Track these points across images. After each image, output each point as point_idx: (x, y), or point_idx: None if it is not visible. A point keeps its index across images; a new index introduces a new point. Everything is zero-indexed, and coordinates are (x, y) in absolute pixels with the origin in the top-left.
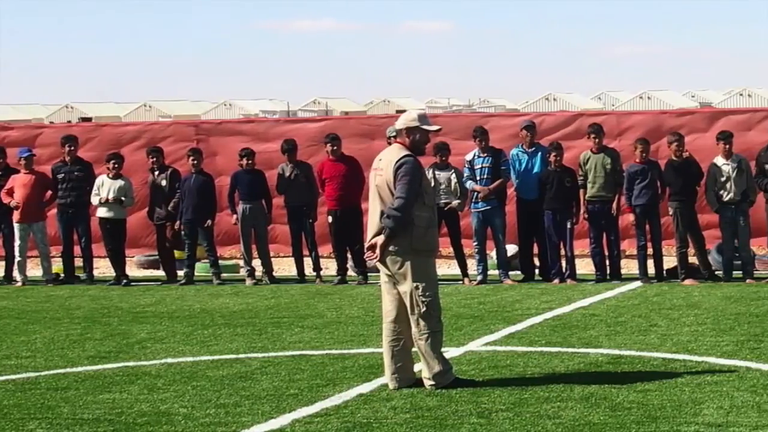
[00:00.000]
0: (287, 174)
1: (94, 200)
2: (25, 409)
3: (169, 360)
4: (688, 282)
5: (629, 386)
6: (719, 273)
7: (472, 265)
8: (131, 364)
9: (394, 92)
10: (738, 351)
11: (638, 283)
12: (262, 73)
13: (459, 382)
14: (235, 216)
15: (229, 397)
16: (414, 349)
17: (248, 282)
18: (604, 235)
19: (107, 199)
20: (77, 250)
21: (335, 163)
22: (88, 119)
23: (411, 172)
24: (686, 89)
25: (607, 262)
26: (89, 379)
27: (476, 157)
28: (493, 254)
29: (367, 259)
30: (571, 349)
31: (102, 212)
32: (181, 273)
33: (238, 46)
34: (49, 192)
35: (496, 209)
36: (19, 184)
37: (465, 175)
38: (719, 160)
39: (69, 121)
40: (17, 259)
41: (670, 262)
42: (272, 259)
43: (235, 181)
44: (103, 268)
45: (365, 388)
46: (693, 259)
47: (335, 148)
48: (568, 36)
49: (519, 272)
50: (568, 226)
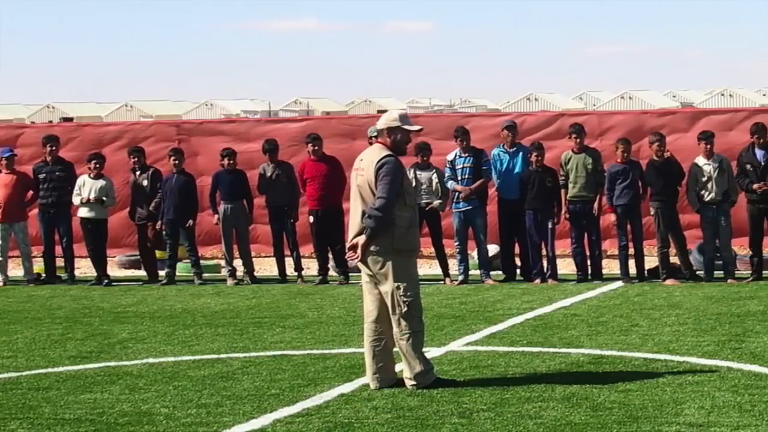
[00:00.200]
0: (268, 174)
1: (76, 200)
2: (6, 409)
3: (151, 360)
4: (669, 282)
5: (610, 386)
6: (700, 273)
7: (454, 265)
8: (112, 364)
9: (375, 92)
10: (719, 351)
11: (619, 283)
12: (244, 73)
13: (440, 382)
14: (216, 216)
15: (211, 397)
16: (395, 349)
17: (229, 282)
18: (586, 235)
19: (88, 199)
20: (58, 250)
21: (316, 163)
22: (70, 119)
23: (392, 172)
24: (667, 89)
25: (589, 262)
26: (70, 379)
27: (457, 157)
28: (474, 254)
29: (348, 259)
30: (552, 349)
31: (83, 212)
32: (162, 273)
33: (220, 46)
34: (31, 192)
35: (477, 209)
36: (0, 184)
37: (446, 175)
38: (700, 160)
39: (50, 121)
40: None
41: (651, 262)
42: (253, 259)
43: (216, 181)
44: (84, 268)
45: (346, 388)
46: (674, 259)
47: (316, 148)
48: (549, 36)
49: (500, 272)
50: (550, 226)
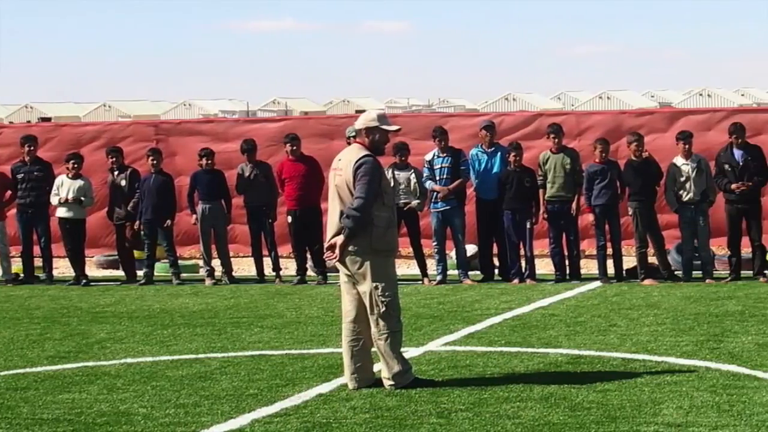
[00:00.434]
0: (247, 174)
1: (54, 200)
2: None
3: (129, 360)
4: (647, 282)
5: (589, 386)
6: (679, 273)
7: (432, 265)
8: (91, 364)
9: (353, 92)
10: (697, 351)
11: (598, 283)
12: (222, 73)
13: (418, 382)
14: (194, 216)
15: (189, 397)
16: (373, 349)
17: (208, 282)
18: (564, 235)
19: (67, 199)
20: (37, 250)
21: (295, 163)
22: (48, 119)
23: (370, 172)
24: (646, 89)
25: (567, 262)
26: (49, 379)
27: (436, 157)
28: (452, 254)
29: (326, 259)
30: (530, 349)
31: (61, 212)
32: (140, 273)
33: (198, 46)
34: (9, 192)
35: (455, 209)
36: None
37: (424, 175)
38: (679, 160)
39: (28, 121)
40: None
41: (629, 262)
42: (232, 259)
43: (194, 181)
44: (62, 268)
45: (325, 388)
46: (652, 259)
47: (295, 148)
48: (527, 36)
49: (478, 272)
50: (528, 226)
